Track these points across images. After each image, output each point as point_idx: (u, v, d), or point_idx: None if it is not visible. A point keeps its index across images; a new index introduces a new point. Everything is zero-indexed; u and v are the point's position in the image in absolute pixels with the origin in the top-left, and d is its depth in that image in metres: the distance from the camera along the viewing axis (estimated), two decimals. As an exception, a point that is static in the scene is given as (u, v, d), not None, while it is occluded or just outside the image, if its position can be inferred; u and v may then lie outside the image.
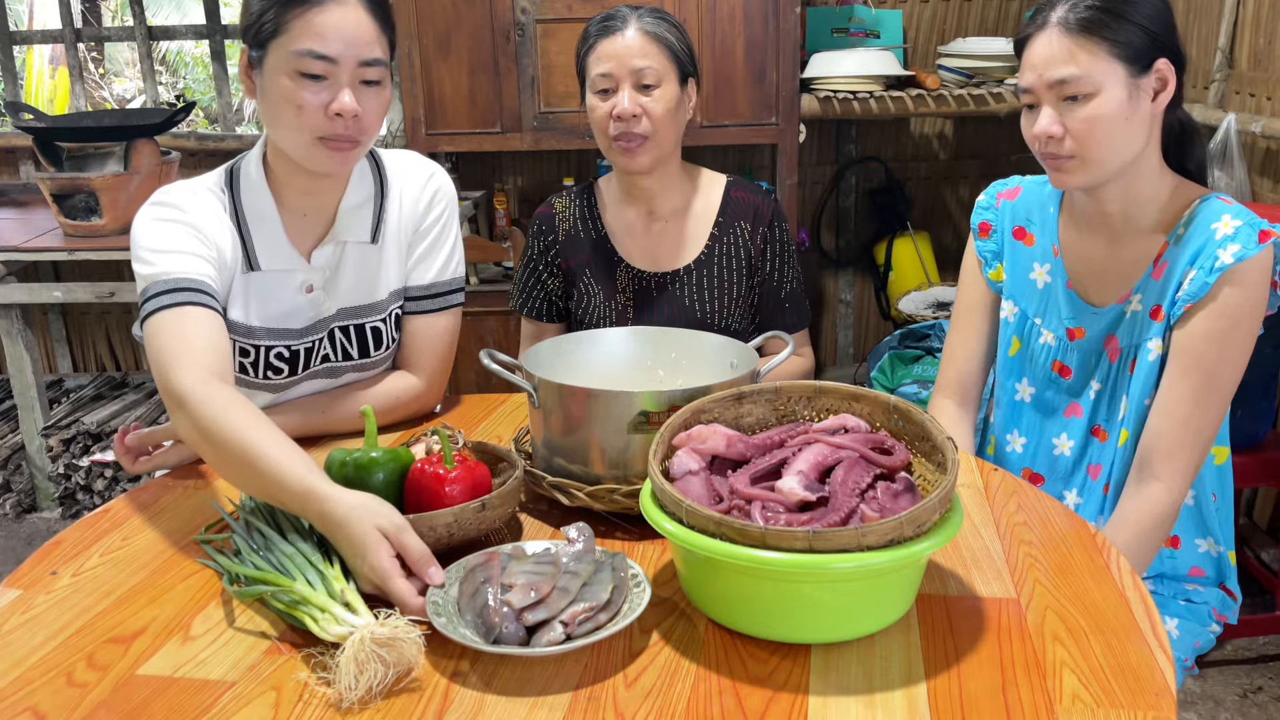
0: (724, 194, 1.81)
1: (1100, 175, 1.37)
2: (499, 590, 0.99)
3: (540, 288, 1.85)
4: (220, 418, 1.16)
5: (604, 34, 1.68)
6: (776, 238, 1.80)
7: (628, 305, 1.79)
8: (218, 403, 1.18)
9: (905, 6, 3.53)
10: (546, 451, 1.28)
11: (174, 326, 1.27)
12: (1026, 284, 1.55)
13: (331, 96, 1.30)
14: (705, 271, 1.78)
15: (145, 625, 1.04)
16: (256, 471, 1.12)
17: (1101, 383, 1.49)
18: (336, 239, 1.46)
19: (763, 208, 1.80)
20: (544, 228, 1.84)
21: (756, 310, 1.83)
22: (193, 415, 1.19)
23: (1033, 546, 1.17)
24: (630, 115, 1.66)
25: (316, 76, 1.29)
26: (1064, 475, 1.55)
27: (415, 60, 2.98)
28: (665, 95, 1.67)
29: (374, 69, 1.32)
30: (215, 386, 1.21)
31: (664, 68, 1.67)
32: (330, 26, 1.28)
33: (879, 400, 1.14)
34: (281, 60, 1.29)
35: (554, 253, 1.83)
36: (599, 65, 1.68)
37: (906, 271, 3.58)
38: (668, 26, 1.69)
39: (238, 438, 1.14)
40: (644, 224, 1.80)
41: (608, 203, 1.84)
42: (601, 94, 1.69)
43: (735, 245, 1.79)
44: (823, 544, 0.92)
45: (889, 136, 3.68)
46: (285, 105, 1.31)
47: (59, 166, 3.14)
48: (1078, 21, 1.31)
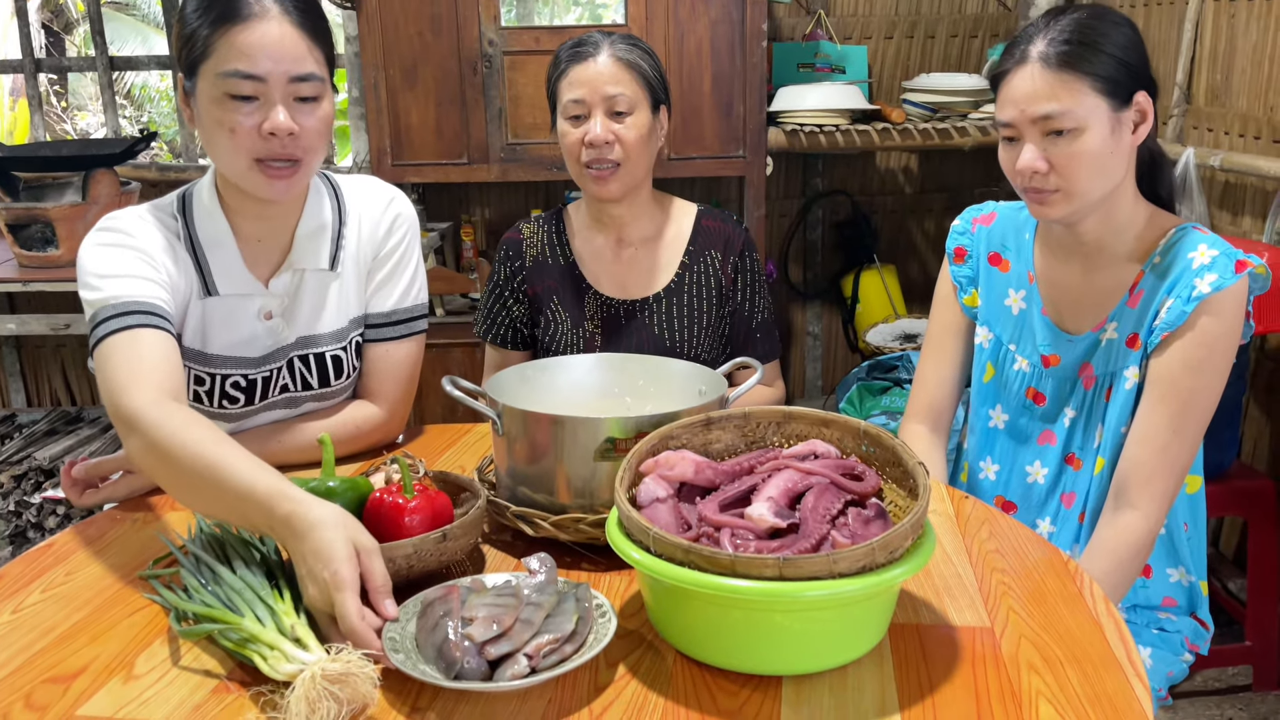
0: (695, 223, 1.79)
1: (1083, 208, 1.37)
2: (459, 624, 0.95)
3: (506, 314, 1.83)
4: (178, 433, 1.11)
5: (576, 59, 1.67)
6: (747, 267, 1.79)
7: (595, 333, 1.77)
8: (174, 420, 1.13)
9: (870, 43, 3.56)
10: (510, 481, 1.24)
11: (125, 349, 1.22)
12: (1001, 310, 1.55)
13: (264, 117, 1.26)
14: (675, 300, 1.76)
15: (86, 664, 0.99)
16: (219, 484, 1.07)
17: (1077, 410, 1.48)
18: (294, 266, 1.42)
19: (734, 237, 1.79)
20: (511, 253, 1.82)
21: (728, 341, 1.81)
22: (146, 435, 1.14)
23: (1006, 574, 1.15)
24: (603, 142, 1.64)
25: (248, 97, 1.26)
26: (1037, 503, 1.54)
27: (382, 91, 2.96)
28: (638, 122, 1.66)
29: (308, 84, 1.28)
30: (170, 406, 1.16)
31: (636, 95, 1.66)
32: (255, 45, 1.25)
33: (849, 426, 1.12)
34: (211, 84, 1.26)
35: (520, 278, 1.80)
36: (571, 91, 1.67)
37: (874, 304, 3.58)
38: (640, 53, 1.68)
39: (197, 450, 1.09)
40: (613, 251, 1.79)
41: (577, 229, 1.82)
42: (573, 120, 1.68)
43: (706, 274, 1.77)
44: (793, 571, 0.89)
45: (855, 170, 3.70)
46: (218, 130, 1.27)
47: (15, 197, 3.08)
48: (1058, 56, 1.31)
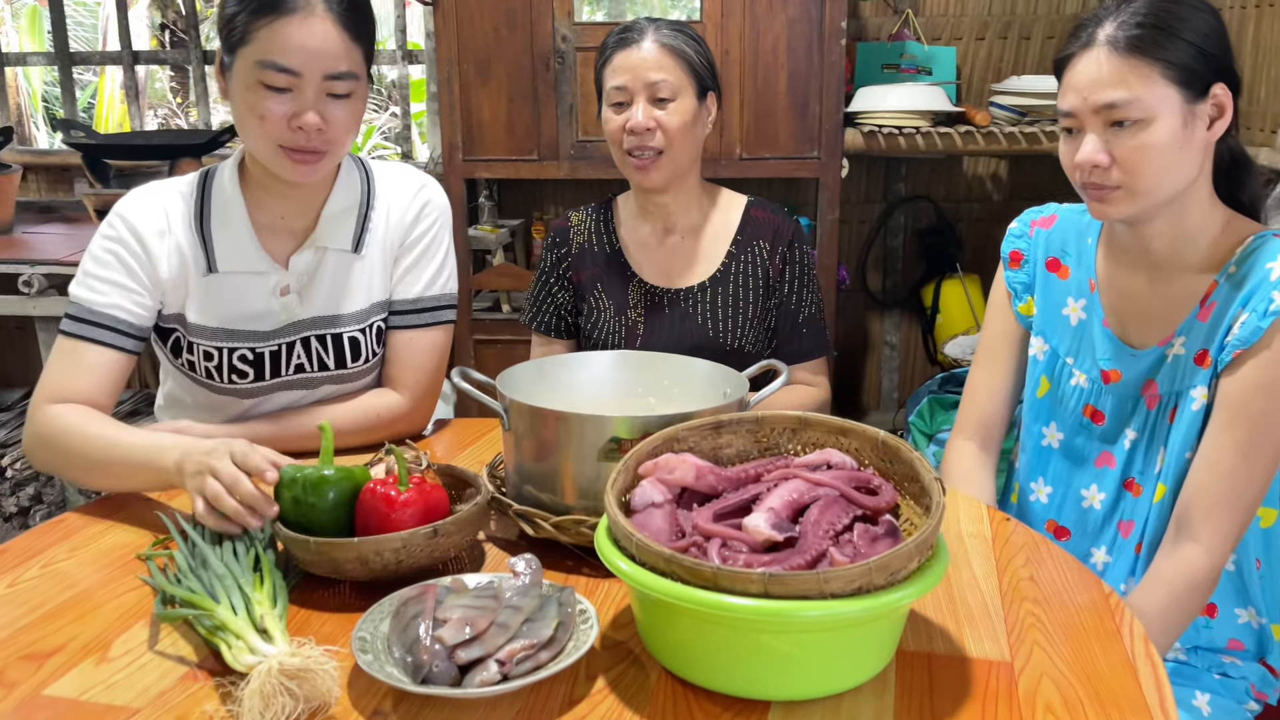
0: (744, 213, 1.75)
1: (1147, 208, 1.26)
2: (432, 625, 0.91)
3: (551, 301, 1.81)
4: (61, 421, 1.28)
5: (620, 46, 1.65)
6: (796, 259, 1.73)
7: (638, 321, 1.73)
8: (64, 417, 1.28)
9: (960, 44, 3.43)
10: (517, 478, 1.20)
11: (65, 356, 1.34)
12: (1059, 320, 1.44)
13: (295, 109, 1.28)
14: (720, 290, 1.71)
15: (64, 643, 0.98)
16: (108, 459, 1.24)
17: (1138, 431, 1.37)
18: (316, 244, 1.43)
19: (783, 228, 1.74)
20: (558, 240, 1.80)
21: (773, 334, 1.75)
22: (33, 428, 1.31)
23: (1037, 605, 1.05)
24: (644, 129, 1.61)
25: (280, 88, 1.27)
26: (1093, 530, 1.42)
27: (455, 86, 2.97)
28: (681, 109, 1.62)
29: (342, 82, 1.30)
30: (61, 407, 1.30)
31: (680, 81, 1.62)
32: (295, 39, 1.26)
33: (868, 435, 1.04)
34: (247, 69, 1.28)
35: (566, 265, 1.79)
36: (614, 78, 1.64)
37: (954, 314, 3.44)
38: (685, 39, 1.64)
39: (82, 434, 1.26)
40: (658, 239, 1.75)
41: (624, 218, 1.79)
42: (616, 107, 1.65)
43: (752, 265, 1.72)
44: (779, 589, 0.82)
45: (940, 175, 3.56)
46: (249, 114, 1.30)
47: (106, 183, 3.19)
48: (1128, 40, 1.20)
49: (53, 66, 3.74)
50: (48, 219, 3.49)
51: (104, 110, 6.36)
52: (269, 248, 1.41)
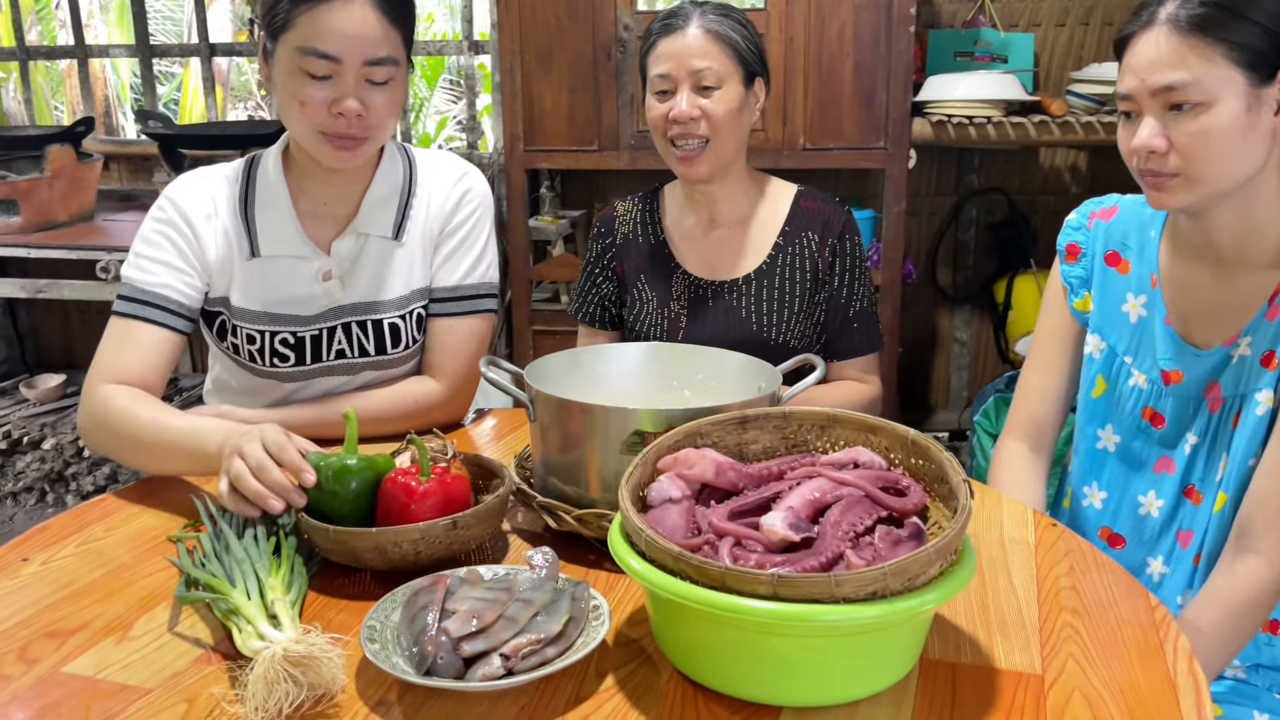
0: (792, 203, 1.69)
1: (1206, 197, 1.19)
2: (439, 616, 0.90)
3: (595, 291, 1.78)
4: (113, 403, 1.30)
5: (665, 32, 1.60)
6: (847, 251, 1.67)
7: (681, 313, 1.69)
8: (116, 398, 1.30)
9: (1038, 30, 3.31)
10: (544, 470, 1.19)
11: (118, 335, 1.36)
12: (1117, 317, 1.37)
13: (335, 95, 1.29)
14: (766, 282, 1.66)
15: (88, 621, 1.00)
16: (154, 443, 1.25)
17: (1199, 436, 1.30)
18: (357, 231, 1.44)
19: (833, 219, 1.67)
20: (603, 230, 1.77)
21: (823, 329, 1.70)
22: (87, 408, 1.33)
23: (1076, 616, 1.00)
24: (688, 118, 1.57)
25: (321, 75, 1.28)
26: (1149, 539, 1.35)
27: (517, 76, 2.97)
28: (726, 97, 1.57)
29: (381, 69, 1.30)
30: (114, 388, 1.31)
31: (726, 68, 1.57)
32: (336, 26, 1.27)
33: (898, 434, 1.00)
34: (288, 56, 1.29)
35: (610, 255, 1.76)
36: (657, 65, 1.60)
37: (1027, 311, 3.33)
38: (732, 24, 1.59)
39: (133, 418, 1.28)
40: (704, 230, 1.71)
41: (669, 208, 1.75)
42: (660, 95, 1.61)
43: (800, 257, 1.67)
44: (789, 591, 0.79)
45: (1015, 167, 3.45)
46: (290, 100, 1.31)
47: (181, 172, 3.27)
48: (1190, 19, 1.14)
49: (135, 59, 3.85)
50: (127, 207, 3.61)
51: (188, 102, 6.54)
52: (311, 233, 1.43)
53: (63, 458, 3.33)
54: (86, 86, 3.94)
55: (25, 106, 4.05)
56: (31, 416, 3.42)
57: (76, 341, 4.20)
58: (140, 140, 3.88)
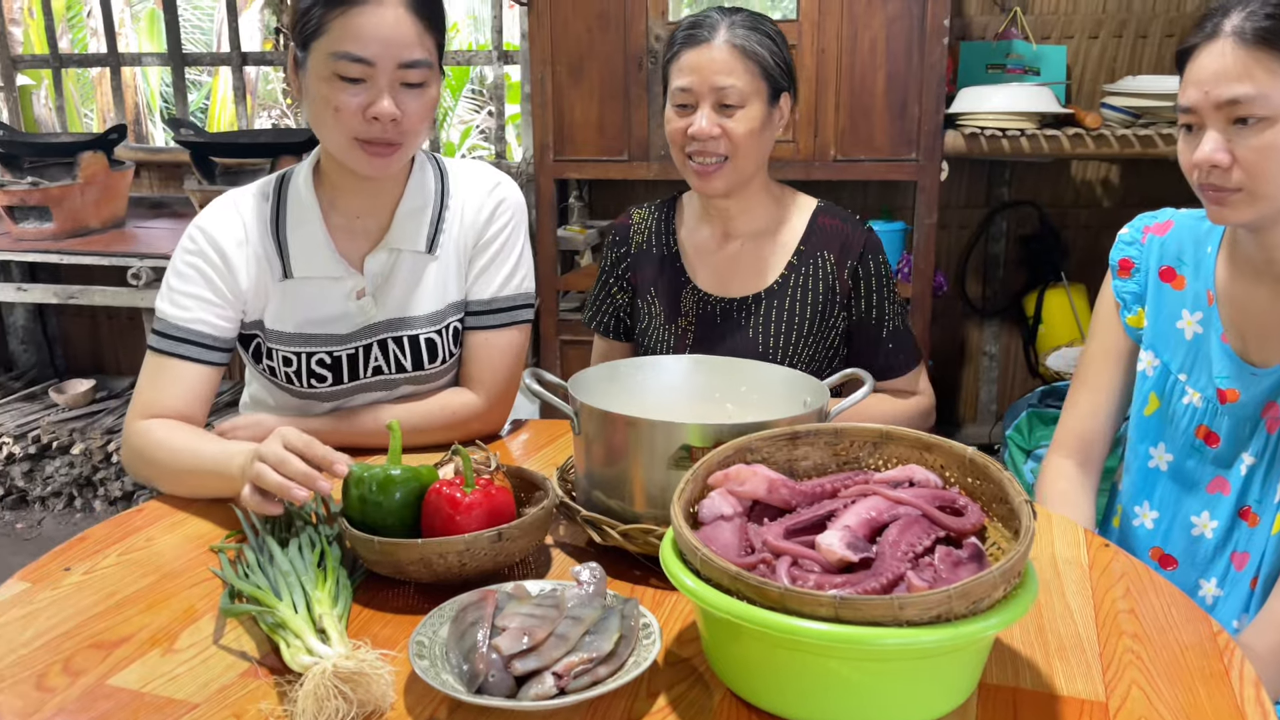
0: (810, 220, 1.63)
1: (1269, 212, 1.16)
2: (489, 633, 0.89)
3: (610, 302, 1.74)
4: (150, 435, 1.31)
5: (689, 43, 1.53)
6: (871, 272, 1.60)
7: (688, 329, 1.64)
8: (152, 432, 1.31)
9: (1071, 43, 3.28)
10: (587, 483, 1.17)
11: (154, 372, 1.36)
12: (1172, 333, 1.35)
13: (369, 99, 1.27)
14: (777, 303, 1.60)
15: (133, 633, 0.99)
16: (189, 468, 1.25)
17: (1256, 456, 1.27)
18: (390, 246, 1.42)
19: (853, 239, 1.60)
20: (618, 239, 1.73)
21: (838, 353, 1.64)
22: (129, 445, 1.33)
23: (1137, 640, 0.98)
24: (708, 136, 1.51)
25: (355, 79, 1.26)
26: (1203, 561, 1.33)
27: (548, 86, 2.97)
28: (749, 116, 1.51)
29: (415, 71, 1.28)
30: (150, 423, 1.32)
31: (750, 86, 1.51)
32: (368, 28, 1.25)
33: (954, 452, 0.98)
34: (321, 62, 1.27)
35: (625, 265, 1.71)
36: (679, 78, 1.54)
37: (1057, 325, 3.30)
38: (760, 38, 1.52)
39: (169, 447, 1.28)
40: (717, 244, 1.65)
41: (685, 219, 1.70)
42: (680, 108, 1.55)
43: (815, 277, 1.60)
44: (851, 613, 0.78)
45: (1046, 180, 3.42)
46: (324, 107, 1.28)
47: (211, 180, 3.28)
48: (1256, 32, 1.12)
49: (166, 67, 3.87)
50: (158, 214, 3.63)
51: (217, 110, 6.59)
52: (343, 250, 1.41)
53: (91, 463, 3.34)
54: (118, 94, 3.97)
55: (57, 114, 4.08)
56: (60, 421, 3.44)
57: (106, 347, 4.23)
58: (171, 148, 3.90)
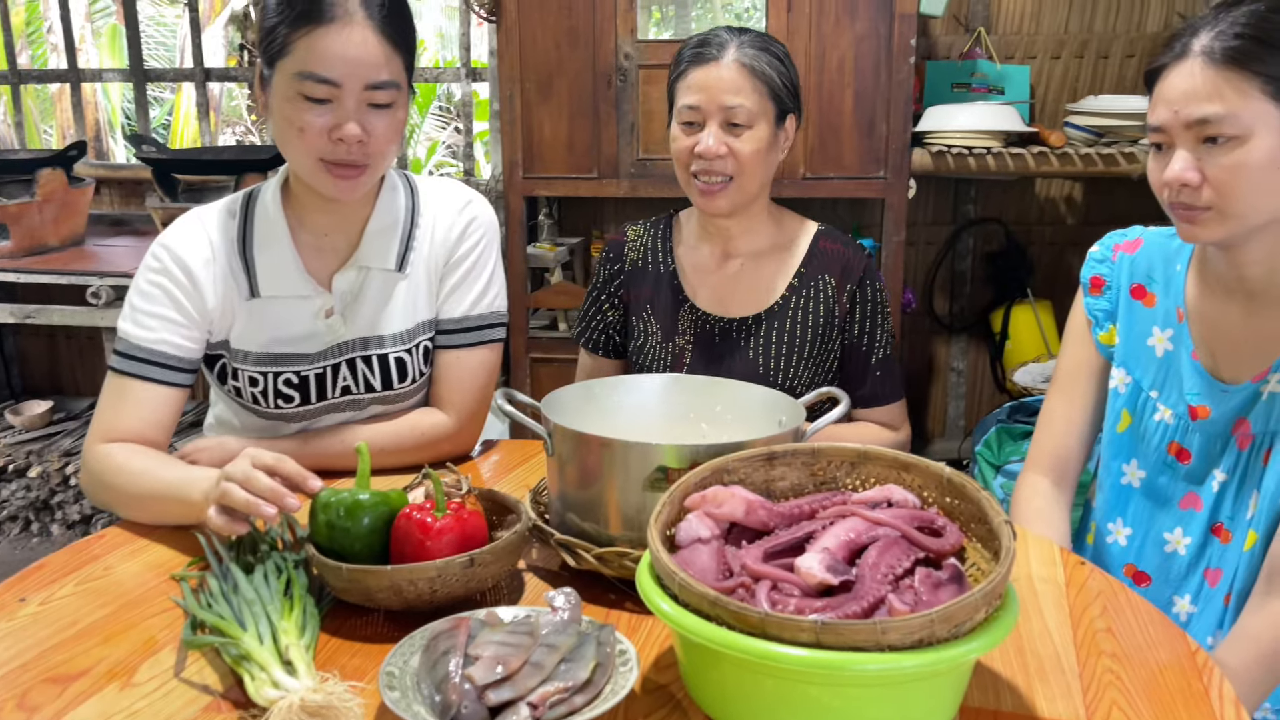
0: (811, 243, 1.63)
1: (1239, 231, 1.17)
2: (462, 662, 0.86)
3: (600, 318, 1.73)
4: (110, 461, 1.27)
5: (698, 61, 1.52)
6: (869, 298, 1.61)
7: (686, 348, 1.64)
8: (112, 456, 1.27)
9: (1034, 63, 3.32)
10: (561, 506, 1.15)
11: (115, 393, 1.32)
12: (1143, 351, 1.35)
13: (335, 120, 1.25)
14: (777, 324, 1.61)
15: (92, 665, 0.95)
16: (149, 494, 1.22)
17: (1227, 473, 1.27)
18: (359, 264, 1.39)
19: (853, 263, 1.61)
20: (612, 255, 1.72)
21: (833, 376, 1.64)
22: (88, 469, 1.30)
23: (1116, 660, 0.97)
24: (714, 155, 1.51)
25: (321, 100, 1.24)
26: (1176, 577, 1.33)
27: (517, 103, 2.95)
28: (756, 137, 1.51)
29: (383, 92, 1.26)
30: (110, 447, 1.29)
31: (759, 106, 1.51)
32: (335, 49, 1.22)
33: (932, 472, 0.97)
34: (286, 81, 1.25)
35: (618, 283, 1.70)
36: (687, 95, 1.53)
37: (1024, 341, 3.33)
38: (769, 58, 1.52)
39: (127, 472, 1.25)
40: (717, 264, 1.65)
41: (683, 237, 1.69)
42: (686, 126, 1.54)
43: (815, 300, 1.61)
44: (833, 638, 0.76)
45: (1012, 197, 3.46)
46: (289, 127, 1.26)
47: (174, 197, 3.23)
48: (1225, 52, 1.12)
49: (128, 83, 3.82)
50: (118, 232, 3.57)
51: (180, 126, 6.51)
52: (312, 268, 1.38)
53: (49, 486, 3.27)
54: (78, 110, 3.91)
55: (16, 130, 4.01)
56: (17, 443, 3.36)
57: (64, 367, 4.14)
58: (132, 165, 3.84)
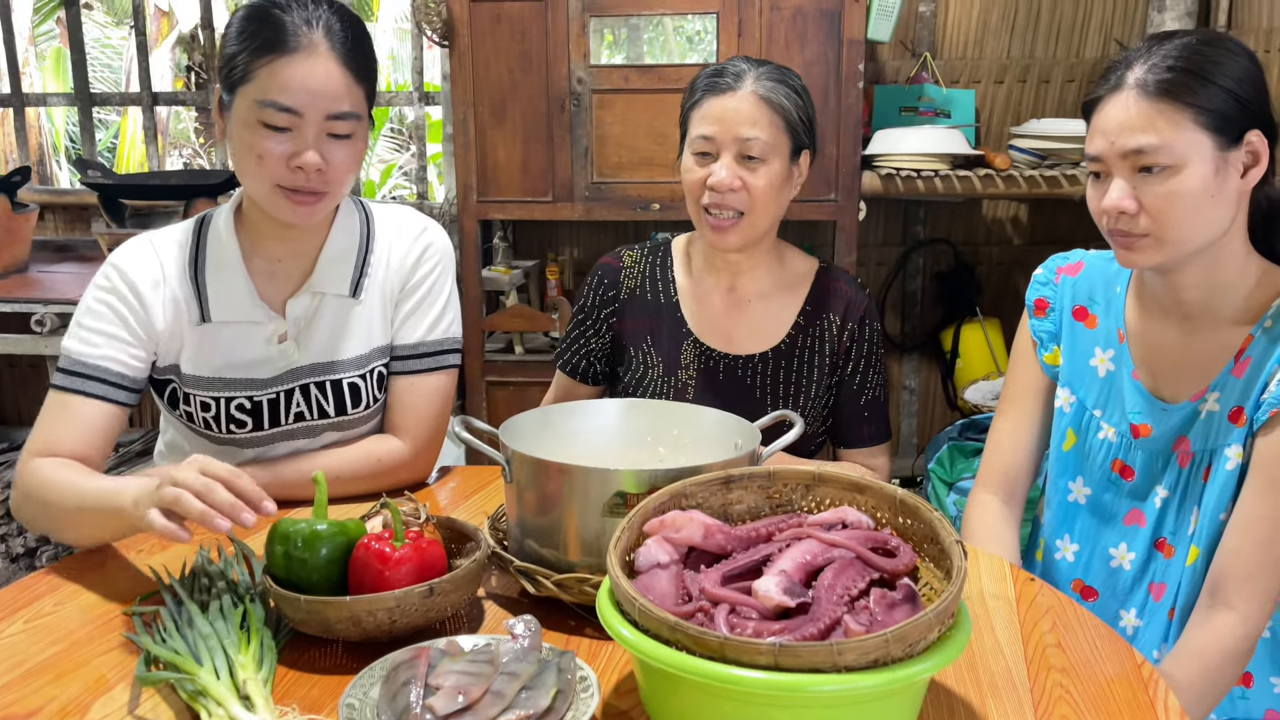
0: (814, 280, 1.61)
1: (1176, 257, 1.21)
2: (423, 693, 0.86)
3: (584, 344, 1.68)
4: (37, 476, 1.24)
5: (713, 90, 1.49)
6: (866, 337, 1.59)
7: (689, 383, 1.60)
8: (40, 471, 1.25)
9: (979, 87, 3.40)
10: (520, 533, 1.15)
11: (54, 409, 1.30)
12: (1086, 371, 1.39)
13: (295, 149, 1.25)
14: (784, 364, 1.58)
15: (42, 705, 0.94)
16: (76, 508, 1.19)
17: (1169, 489, 1.31)
18: (313, 290, 1.39)
19: (855, 302, 1.59)
20: (605, 281, 1.66)
21: (829, 415, 1.63)
22: (18, 486, 1.27)
23: (1065, 675, 0.99)
24: (728, 188, 1.47)
25: (280, 127, 1.25)
26: (1122, 592, 1.36)
27: (470, 127, 2.96)
28: (771, 171, 1.48)
29: (343, 123, 1.27)
30: (41, 461, 1.26)
31: (775, 140, 1.48)
32: (297, 79, 1.23)
33: (885, 493, 0.99)
34: (246, 108, 1.25)
35: (610, 310, 1.65)
36: (702, 125, 1.49)
37: (974, 359, 3.39)
38: (787, 90, 1.49)
39: (53, 487, 1.22)
40: (723, 299, 1.61)
41: (684, 266, 1.65)
42: (700, 157, 1.50)
43: (820, 340, 1.59)
44: (791, 660, 0.78)
45: (959, 218, 3.53)
46: (248, 153, 1.27)
47: (121, 223, 3.19)
48: (1158, 84, 1.16)
49: (73, 107, 3.77)
50: (63, 258, 3.50)
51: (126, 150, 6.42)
52: (265, 293, 1.38)
53: (-9, 518, 3.18)
54: (22, 135, 3.84)
55: (-44, 155, 3.93)
56: (-42, 475, 3.27)
57: (6, 397, 4.05)
58: (77, 190, 3.78)
